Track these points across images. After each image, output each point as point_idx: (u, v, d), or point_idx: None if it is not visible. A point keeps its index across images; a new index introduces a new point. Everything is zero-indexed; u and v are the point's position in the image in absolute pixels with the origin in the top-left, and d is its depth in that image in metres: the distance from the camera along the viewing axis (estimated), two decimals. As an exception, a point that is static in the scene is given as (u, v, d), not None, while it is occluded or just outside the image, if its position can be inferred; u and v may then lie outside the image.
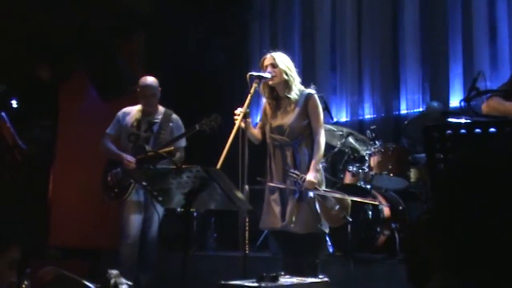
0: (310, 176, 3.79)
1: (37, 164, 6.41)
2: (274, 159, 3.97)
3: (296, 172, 3.78)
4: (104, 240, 6.04)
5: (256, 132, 4.10)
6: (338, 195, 3.89)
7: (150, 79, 4.83)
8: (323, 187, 3.92)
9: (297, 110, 3.94)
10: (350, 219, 3.88)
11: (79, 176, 6.59)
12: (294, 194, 3.85)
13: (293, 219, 3.78)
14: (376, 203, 4.33)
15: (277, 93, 4.05)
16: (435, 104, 5.72)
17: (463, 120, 2.43)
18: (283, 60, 3.99)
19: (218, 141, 4.04)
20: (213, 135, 4.48)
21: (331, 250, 3.92)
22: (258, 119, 6.80)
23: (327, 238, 3.93)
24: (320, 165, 3.94)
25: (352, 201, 3.97)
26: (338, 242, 4.55)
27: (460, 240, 1.09)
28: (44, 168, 7.05)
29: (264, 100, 4.17)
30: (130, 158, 4.66)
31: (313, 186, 3.79)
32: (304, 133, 3.93)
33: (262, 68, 4.01)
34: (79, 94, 7.17)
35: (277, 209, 3.88)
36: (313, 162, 3.84)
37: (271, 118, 4.05)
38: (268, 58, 4.01)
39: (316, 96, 3.97)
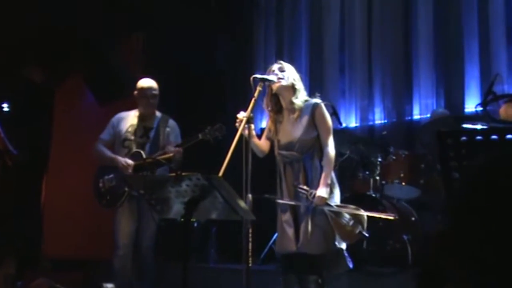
0: (321, 192, 3.75)
1: (29, 170, 6.42)
2: (285, 177, 3.94)
3: (305, 187, 3.75)
4: (99, 251, 6.03)
5: (260, 143, 4.07)
6: (352, 210, 3.84)
7: (150, 80, 4.85)
8: (338, 200, 3.89)
9: (304, 121, 3.90)
10: (367, 234, 3.84)
11: (74, 183, 6.59)
12: (307, 212, 3.83)
13: (308, 239, 3.76)
14: (392, 217, 4.29)
15: (281, 103, 4.02)
16: (440, 110, 5.71)
17: (479, 126, 2.42)
18: (290, 68, 3.99)
19: (220, 148, 4.02)
20: (216, 143, 4.48)
21: (351, 265, 3.87)
22: (262, 124, 6.81)
23: (346, 254, 3.88)
24: (333, 175, 3.90)
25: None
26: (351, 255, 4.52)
27: (481, 256, 1.07)
28: (37, 174, 7.06)
29: (268, 113, 4.12)
30: (126, 162, 4.63)
31: (324, 202, 3.76)
32: (315, 145, 3.90)
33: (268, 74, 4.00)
34: (75, 97, 7.19)
35: (290, 231, 3.83)
36: (323, 176, 3.80)
37: (276, 133, 4.03)
38: (274, 65, 4.01)
39: (323, 105, 3.95)
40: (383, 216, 4.20)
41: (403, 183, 5.09)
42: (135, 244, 4.71)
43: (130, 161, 4.62)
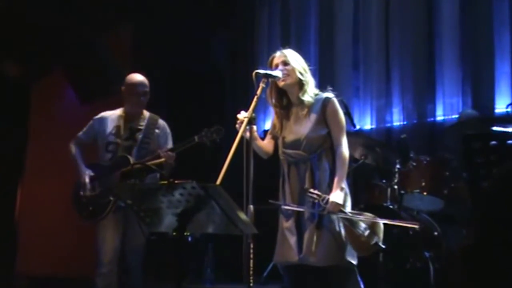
0: (335, 197, 3.75)
1: (1, 177, 6.44)
2: (289, 179, 3.95)
3: (317, 192, 3.75)
4: (80, 268, 6.04)
5: (264, 144, 4.08)
6: (368, 218, 3.84)
7: (140, 76, 4.86)
8: (349, 209, 3.89)
9: (313, 117, 3.92)
10: (384, 246, 3.84)
11: (52, 192, 6.61)
12: (313, 219, 3.83)
13: (312, 249, 3.75)
14: (416, 226, 4.30)
15: (288, 98, 4.04)
16: (469, 111, 5.71)
17: (510, 129, 2.43)
18: (296, 58, 3.99)
19: (218, 152, 4.03)
20: (213, 146, 4.49)
21: (362, 286, 3.86)
22: (265, 126, 6.82)
23: (357, 271, 3.87)
24: (345, 183, 3.91)
25: (384, 225, 3.92)
26: (364, 273, 4.52)
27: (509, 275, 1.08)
28: (10, 181, 7.07)
29: (272, 109, 4.15)
30: (83, 173, 4.71)
31: (338, 209, 3.76)
32: (324, 144, 3.91)
33: (270, 68, 4.01)
34: (55, 95, 7.22)
35: (292, 239, 3.83)
36: (336, 179, 3.81)
37: (281, 130, 4.04)
38: (278, 56, 4.01)
39: (335, 100, 3.97)
40: (404, 224, 4.19)
41: (425, 193, 5.09)
42: (120, 261, 4.71)
43: (88, 185, 4.68)
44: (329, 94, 3.98)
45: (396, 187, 5.16)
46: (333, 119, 3.92)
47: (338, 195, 3.76)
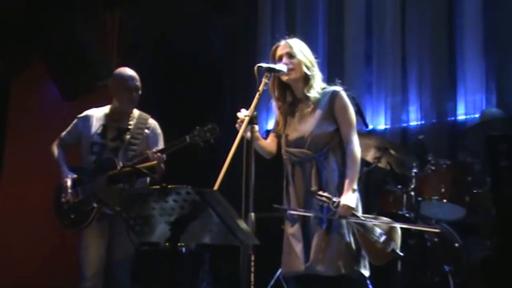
0: (346, 199, 3.76)
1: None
2: (293, 180, 3.96)
3: (326, 194, 3.76)
4: (61, 282, 6.05)
5: (267, 143, 4.10)
6: (384, 222, 3.85)
7: (130, 70, 4.86)
8: (360, 213, 3.90)
9: (319, 112, 3.93)
10: (401, 254, 3.84)
11: (31, 197, 6.61)
12: (321, 223, 3.84)
13: (320, 256, 3.76)
14: (437, 230, 4.29)
15: (293, 93, 4.05)
16: (493, 110, 5.71)
17: (539, 130, 2.43)
18: (302, 49, 4.00)
19: (216, 155, 4.04)
20: (208, 147, 4.49)
21: None
22: (268, 125, 6.83)
23: (369, 283, 3.88)
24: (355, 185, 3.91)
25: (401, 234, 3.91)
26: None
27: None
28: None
29: (274, 104, 4.16)
30: (66, 177, 4.72)
31: (350, 212, 3.77)
32: (331, 142, 3.93)
33: (273, 60, 4.01)
34: (35, 90, 7.21)
35: (298, 247, 3.85)
36: (347, 181, 3.82)
37: (284, 127, 4.05)
38: (282, 46, 4.02)
39: (343, 93, 3.98)
40: (424, 229, 4.18)
41: (444, 200, 5.10)
42: (106, 275, 4.72)
43: (70, 189, 4.68)
44: (337, 87, 3.99)
45: (412, 193, 5.17)
46: (342, 114, 3.93)
47: (350, 198, 3.77)
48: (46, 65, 6.86)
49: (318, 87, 3.99)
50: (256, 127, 3.73)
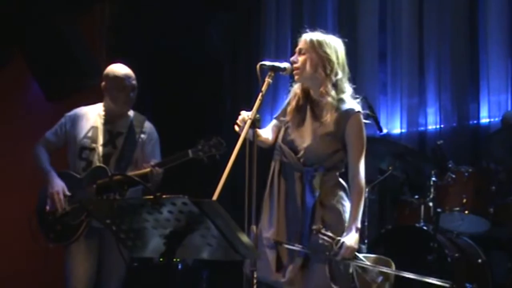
0: (350, 240, 3.75)
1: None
2: (279, 183, 3.95)
3: (329, 234, 3.75)
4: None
5: (266, 138, 4.04)
6: (387, 270, 3.89)
7: (125, 67, 4.84)
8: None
9: (326, 126, 3.89)
10: None
11: (11, 208, 6.61)
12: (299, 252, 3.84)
13: (298, 278, 3.78)
14: (448, 286, 4.29)
15: (310, 94, 4.03)
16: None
17: None
18: (322, 46, 3.93)
19: (215, 161, 4.04)
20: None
21: None
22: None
23: None
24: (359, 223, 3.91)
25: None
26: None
27: None
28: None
29: (292, 94, 4.11)
30: (57, 187, 4.66)
31: (354, 254, 3.79)
32: (324, 163, 3.87)
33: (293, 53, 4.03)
34: (15, 90, 7.22)
35: (270, 255, 3.86)
36: (352, 218, 3.81)
37: (293, 122, 4.01)
38: (302, 40, 3.99)
39: (361, 115, 3.92)
40: (432, 281, 4.16)
41: (466, 212, 5.10)
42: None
43: (66, 193, 4.66)
44: (356, 106, 3.93)
45: (431, 204, 5.17)
46: (354, 138, 3.88)
47: (354, 238, 3.77)
48: (27, 62, 6.87)
49: (334, 92, 3.89)
50: (258, 131, 3.73)
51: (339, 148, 3.89)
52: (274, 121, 4.14)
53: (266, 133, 4.06)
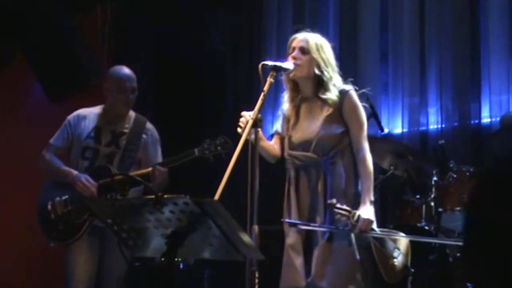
0: (366, 213, 3.79)
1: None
2: (297, 187, 3.97)
3: (345, 207, 3.76)
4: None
5: (271, 145, 4.09)
6: (398, 235, 3.89)
7: (126, 69, 4.84)
8: (375, 226, 3.92)
9: (326, 112, 3.94)
10: (412, 270, 3.88)
11: (12, 209, 6.60)
12: (323, 234, 3.85)
13: (323, 271, 3.77)
14: (460, 243, 4.31)
15: (302, 91, 4.06)
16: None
17: None
18: (320, 46, 4.00)
19: (217, 161, 4.04)
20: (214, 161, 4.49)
21: None
22: (274, 129, 6.83)
23: None
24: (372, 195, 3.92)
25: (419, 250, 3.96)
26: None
27: None
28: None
29: (285, 98, 4.16)
30: (87, 179, 4.64)
31: (370, 226, 3.80)
32: (338, 145, 3.94)
33: (289, 52, 4.03)
34: (17, 91, 7.22)
35: (298, 260, 3.87)
36: (364, 192, 3.86)
37: (292, 127, 4.05)
38: (299, 39, 4.03)
39: (353, 93, 3.99)
40: (447, 242, 4.17)
41: (468, 211, 5.09)
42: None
43: (90, 180, 4.63)
44: (346, 86, 4.01)
45: (432, 204, 5.16)
46: (352, 115, 3.95)
47: (369, 210, 3.81)
48: (29, 63, 6.87)
49: (335, 89, 3.98)
50: (261, 132, 3.73)
51: (344, 128, 3.95)
52: (276, 136, 4.18)
53: (273, 147, 4.12)
